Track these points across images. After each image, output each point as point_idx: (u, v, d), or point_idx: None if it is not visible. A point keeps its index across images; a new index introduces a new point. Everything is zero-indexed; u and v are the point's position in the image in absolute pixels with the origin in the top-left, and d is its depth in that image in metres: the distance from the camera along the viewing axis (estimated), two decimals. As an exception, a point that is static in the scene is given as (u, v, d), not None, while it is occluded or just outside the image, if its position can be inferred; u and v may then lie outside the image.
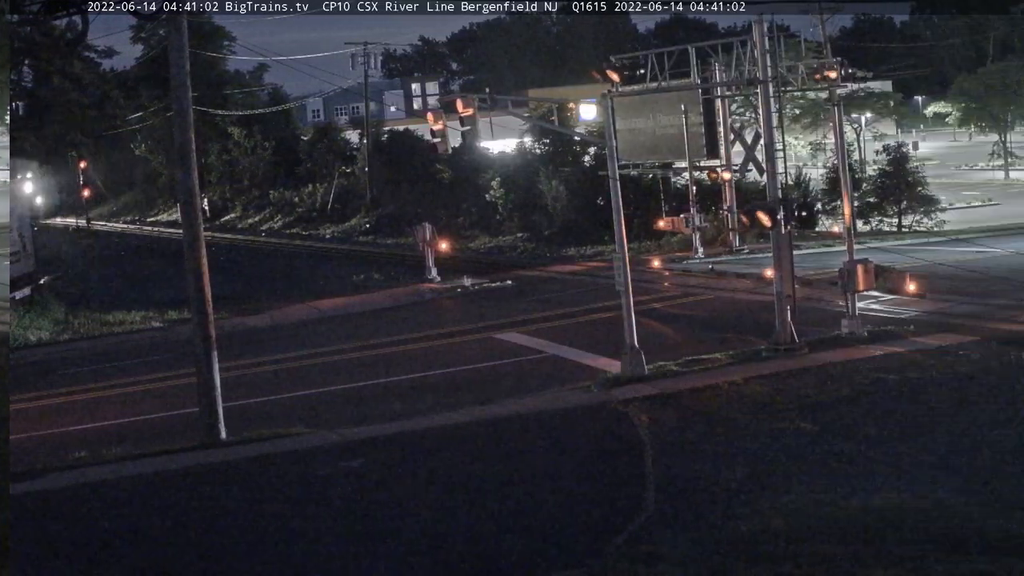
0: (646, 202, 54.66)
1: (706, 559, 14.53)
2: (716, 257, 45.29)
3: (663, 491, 17.78)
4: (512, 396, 25.08)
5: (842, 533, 15.09)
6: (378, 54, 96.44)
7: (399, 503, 18.28)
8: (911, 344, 26.32)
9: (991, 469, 17.68)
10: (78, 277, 59.45)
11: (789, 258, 27.38)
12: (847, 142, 65.96)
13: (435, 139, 28.32)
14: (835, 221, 54.13)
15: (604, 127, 27.03)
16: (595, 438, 21.58)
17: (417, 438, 22.15)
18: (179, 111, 23.44)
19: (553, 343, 30.97)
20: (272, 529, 17.59)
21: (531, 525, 16.77)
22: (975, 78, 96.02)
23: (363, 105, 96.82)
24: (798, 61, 44.15)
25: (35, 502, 20.03)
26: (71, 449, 23.19)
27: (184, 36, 23.28)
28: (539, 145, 66.27)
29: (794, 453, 19.19)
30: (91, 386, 31.37)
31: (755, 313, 32.04)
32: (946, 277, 34.75)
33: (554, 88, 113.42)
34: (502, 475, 19.48)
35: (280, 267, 65.29)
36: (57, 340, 39.87)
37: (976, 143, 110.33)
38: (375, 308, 41.81)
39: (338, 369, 30.40)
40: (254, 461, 21.48)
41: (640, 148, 50.23)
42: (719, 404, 22.68)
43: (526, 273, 47.99)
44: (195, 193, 23.54)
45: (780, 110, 30.36)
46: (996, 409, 20.91)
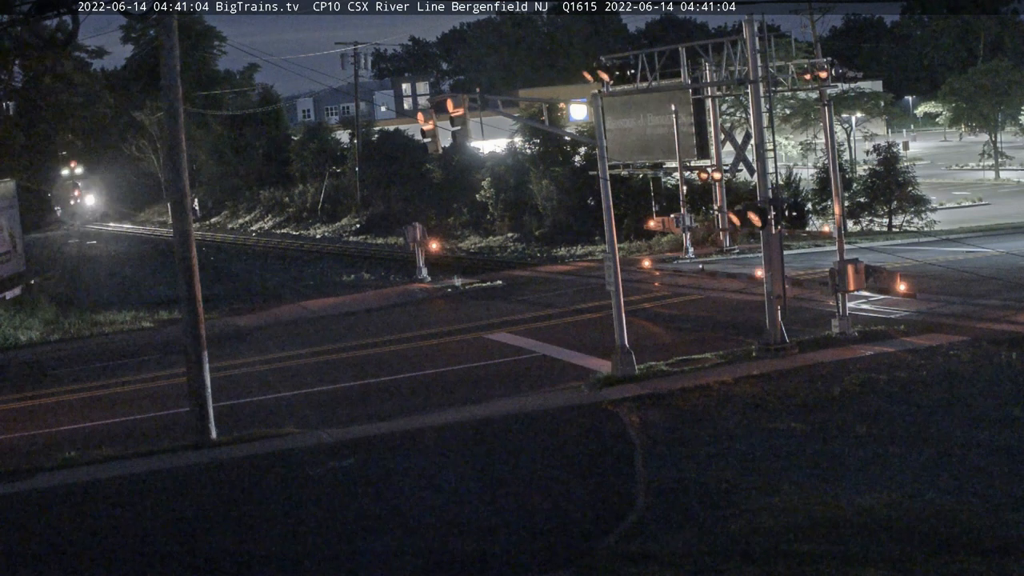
0: (637, 202, 54.76)
1: (696, 559, 14.55)
2: (707, 257, 45.33)
3: (653, 491, 17.80)
4: (502, 396, 25.08)
5: (832, 533, 15.13)
6: (368, 54, 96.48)
7: (389, 503, 18.28)
8: (901, 344, 26.37)
9: (981, 469, 17.72)
10: (68, 277, 59.36)
11: (779, 258, 27.40)
12: (837, 142, 66.13)
13: (425, 139, 28.28)
14: (825, 221, 54.24)
15: (594, 127, 27.03)
16: (585, 438, 21.59)
17: (407, 438, 22.15)
18: (169, 111, 23.41)
19: (543, 343, 30.97)
20: (262, 529, 17.58)
21: (521, 525, 16.78)
22: (965, 78, 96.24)
23: (353, 105, 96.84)
24: (788, 61, 44.35)
25: (25, 502, 20.01)
26: (61, 449, 23.17)
27: (174, 36, 23.26)
28: (529, 145, 66.34)
29: (784, 453, 19.22)
30: (81, 386, 31.30)
31: (745, 313, 32.08)
32: (936, 277, 34.83)
33: (544, 88, 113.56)
34: (492, 475, 19.49)
35: (271, 267, 65.26)
36: (47, 340, 39.80)
37: (966, 143, 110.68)
38: (365, 308, 41.77)
39: (328, 369, 30.37)
40: (245, 461, 21.47)
41: (630, 148, 50.31)
42: (709, 404, 22.70)
43: (516, 273, 47.99)
44: (185, 193, 23.52)
45: (770, 110, 30.39)
46: (986, 409, 20.96)
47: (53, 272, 58.51)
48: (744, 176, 50.63)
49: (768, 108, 29.95)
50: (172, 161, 23.50)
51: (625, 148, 50.33)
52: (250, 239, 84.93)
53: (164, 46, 23.24)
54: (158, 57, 23.63)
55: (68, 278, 58.91)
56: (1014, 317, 28.49)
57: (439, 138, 28.18)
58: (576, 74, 61.39)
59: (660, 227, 48.28)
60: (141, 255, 78.20)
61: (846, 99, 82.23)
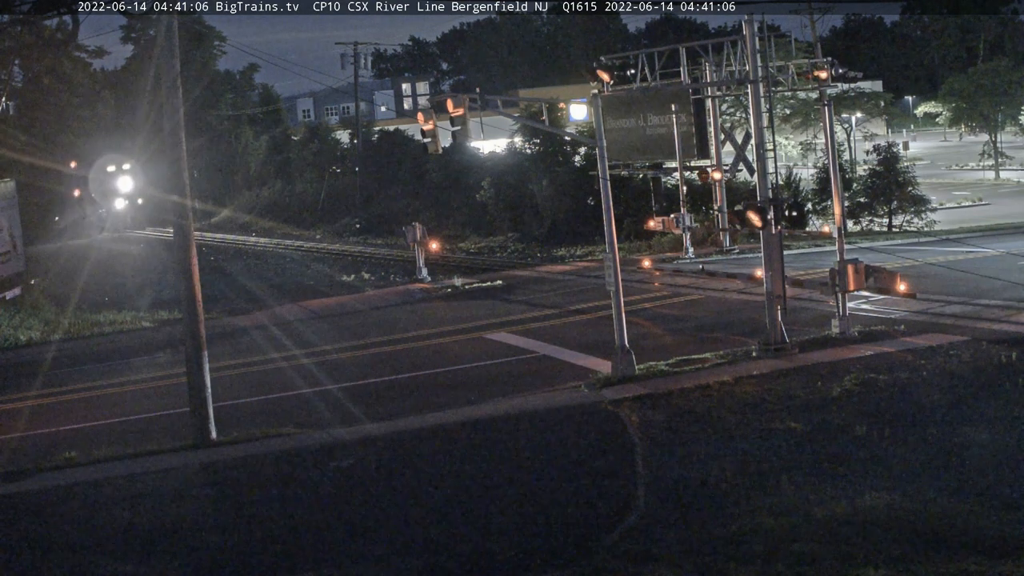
0: (637, 202, 54.78)
1: (696, 558, 14.55)
2: (707, 257, 45.33)
3: (653, 491, 17.80)
4: (502, 396, 25.08)
5: (832, 532, 15.13)
6: (368, 54, 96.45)
7: (389, 503, 18.29)
8: (901, 344, 26.35)
9: (980, 469, 17.73)
10: (68, 277, 59.31)
11: (779, 258, 27.40)
12: (837, 142, 66.08)
13: (425, 139, 28.28)
14: (825, 221, 54.24)
15: (594, 127, 27.02)
16: (585, 438, 21.58)
17: (407, 438, 22.15)
18: (169, 111, 23.39)
19: (543, 343, 30.96)
20: (262, 529, 17.58)
21: (522, 525, 16.78)
22: (965, 78, 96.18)
23: (353, 105, 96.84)
24: (788, 61, 44.34)
25: (25, 502, 20.01)
26: (61, 449, 23.17)
27: (174, 36, 23.25)
28: (529, 145, 66.34)
29: (784, 453, 19.22)
30: (81, 386, 31.31)
31: (745, 313, 32.08)
32: (936, 277, 34.83)
33: (544, 88, 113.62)
34: (492, 475, 19.49)
35: (271, 267, 65.24)
36: (47, 340, 39.81)
37: (966, 143, 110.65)
38: (365, 308, 41.79)
39: (328, 369, 30.36)
40: (244, 461, 21.47)
41: (630, 148, 50.31)
42: (709, 404, 22.70)
43: (516, 273, 47.98)
44: (186, 193, 23.51)
45: (770, 110, 30.39)
46: (986, 409, 20.95)
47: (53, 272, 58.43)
48: (744, 176, 50.63)
49: (768, 108, 29.95)
50: (172, 161, 23.47)
51: (625, 148, 50.33)
52: (250, 239, 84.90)
53: (164, 46, 23.23)
54: (158, 57, 23.61)
55: (68, 278, 58.78)
56: (1014, 317, 28.48)
57: (439, 138, 28.18)
58: (576, 74, 61.41)
59: (660, 227, 48.27)
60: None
61: (846, 99, 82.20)
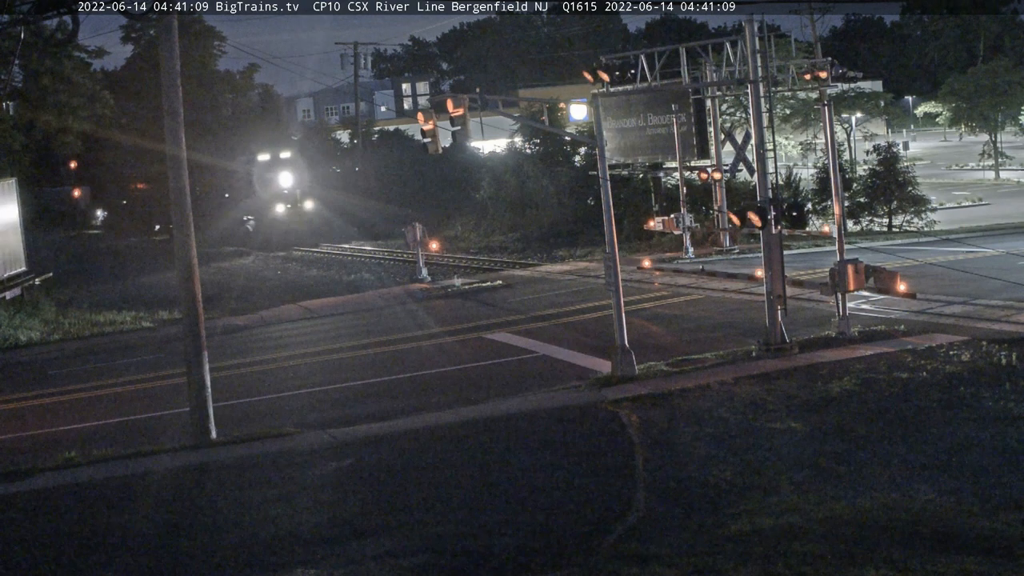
0: (637, 202, 54.78)
1: (696, 559, 14.53)
2: (707, 257, 45.35)
3: (653, 491, 17.79)
4: (502, 396, 25.08)
5: (832, 533, 15.12)
6: (368, 54, 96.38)
7: (389, 503, 18.28)
8: (901, 344, 26.35)
9: (980, 469, 17.72)
10: (69, 277, 59.32)
11: (779, 258, 27.41)
12: (837, 142, 66.03)
13: (425, 139, 28.28)
14: (825, 221, 54.22)
15: (594, 127, 27.03)
16: (585, 438, 21.58)
17: (407, 438, 22.15)
18: (169, 111, 23.40)
19: (543, 343, 30.97)
20: (262, 529, 17.57)
21: (521, 525, 16.77)
22: (965, 78, 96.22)
23: (353, 105, 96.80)
24: (788, 61, 44.38)
25: (25, 502, 20.01)
26: (61, 449, 23.17)
27: (174, 36, 23.25)
28: (529, 145, 66.37)
29: (784, 453, 19.21)
30: (81, 386, 31.33)
31: (745, 313, 32.08)
32: (936, 277, 34.83)
33: (544, 88, 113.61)
34: (491, 475, 19.48)
35: (271, 267, 65.21)
36: (48, 340, 39.82)
37: (966, 143, 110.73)
38: (366, 308, 41.81)
39: (328, 369, 30.37)
40: (244, 461, 21.46)
41: (630, 148, 50.33)
42: (709, 404, 22.69)
43: (517, 273, 47.99)
44: (185, 193, 23.51)
45: (770, 110, 30.39)
46: (986, 409, 20.95)
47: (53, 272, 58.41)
48: (744, 176, 50.65)
49: (768, 108, 29.95)
50: (172, 161, 23.47)
51: (625, 148, 50.35)
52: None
53: (164, 46, 23.24)
54: (158, 57, 23.61)
55: (68, 278, 58.79)
56: (1014, 317, 28.49)
57: (439, 138, 28.17)
58: (576, 74, 61.40)
59: (660, 227, 48.30)
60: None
61: (846, 99, 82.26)
